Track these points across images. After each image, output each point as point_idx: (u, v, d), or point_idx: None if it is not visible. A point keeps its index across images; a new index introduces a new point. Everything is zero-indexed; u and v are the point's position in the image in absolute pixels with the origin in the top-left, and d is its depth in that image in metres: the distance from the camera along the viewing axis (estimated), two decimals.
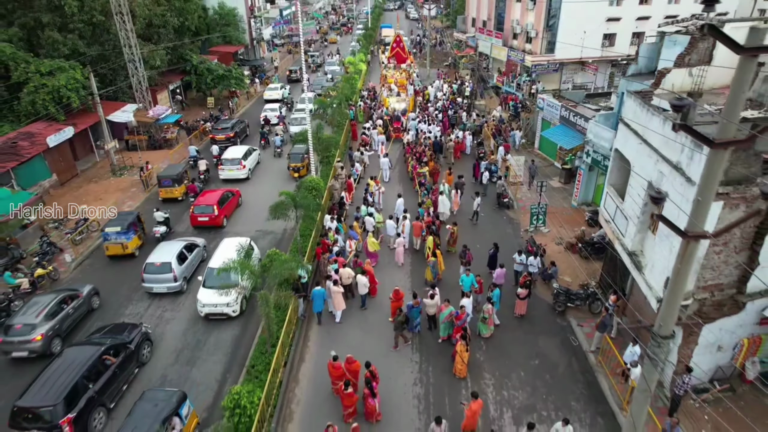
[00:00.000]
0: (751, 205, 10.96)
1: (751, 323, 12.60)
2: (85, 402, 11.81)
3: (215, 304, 15.74)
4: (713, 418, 12.36)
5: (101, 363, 12.63)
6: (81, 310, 16.22)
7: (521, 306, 16.04)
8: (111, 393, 12.77)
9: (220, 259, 15.67)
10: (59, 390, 11.47)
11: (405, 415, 12.79)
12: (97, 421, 12.12)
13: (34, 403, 11.26)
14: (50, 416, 11.13)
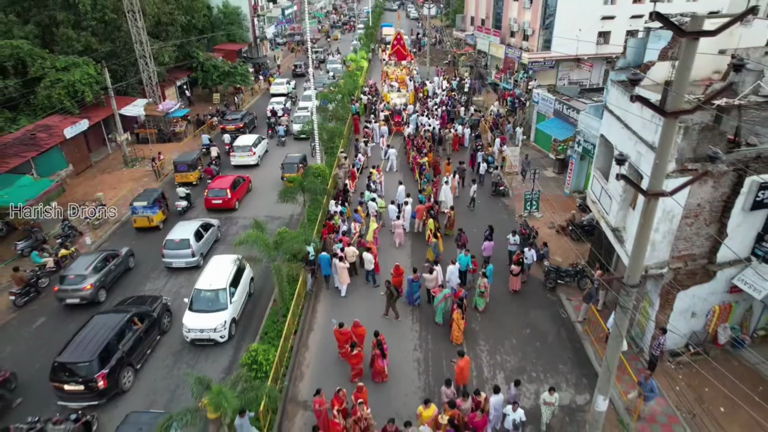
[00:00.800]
0: (719, 180, 12.18)
1: (721, 291, 13.77)
2: (116, 360, 13.09)
3: (201, 329, 14.67)
4: (687, 378, 13.55)
5: (128, 327, 13.98)
6: (120, 268, 18.48)
7: (515, 282, 17.22)
8: (137, 355, 14.08)
9: (209, 280, 15.51)
10: (94, 348, 12.77)
11: (406, 375, 13.98)
12: (126, 379, 13.45)
13: (72, 359, 12.59)
14: (86, 371, 12.45)
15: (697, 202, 12.46)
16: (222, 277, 15.65)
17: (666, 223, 12.60)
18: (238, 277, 16.19)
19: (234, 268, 16.02)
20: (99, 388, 12.50)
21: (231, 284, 15.64)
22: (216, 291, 15.34)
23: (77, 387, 12.41)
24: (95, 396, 12.63)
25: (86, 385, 12.41)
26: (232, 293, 15.49)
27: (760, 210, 12.60)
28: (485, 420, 11.51)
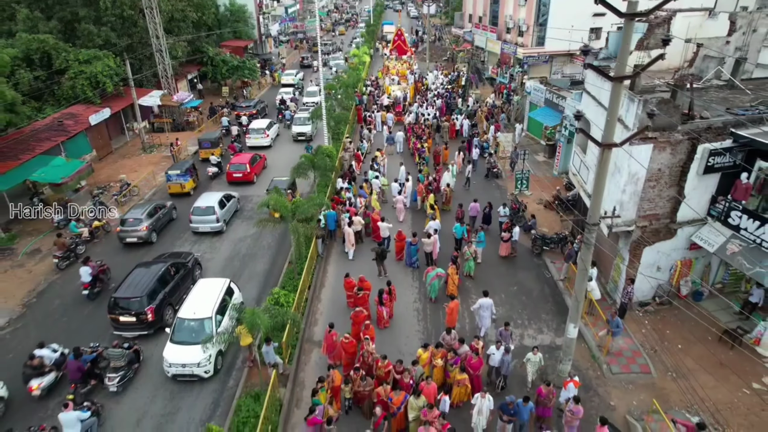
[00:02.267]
0: (675, 147, 14.17)
1: (682, 248, 15.77)
2: (160, 299, 15.36)
3: (183, 363, 13.25)
4: (652, 323, 15.55)
5: (168, 274, 16.19)
6: (167, 217, 21.98)
7: (504, 248, 19.20)
8: (175, 298, 16.25)
9: (193, 307, 14.20)
10: (143, 288, 15.07)
11: (407, 322, 15.99)
12: (168, 315, 15.67)
13: (127, 295, 14.83)
14: (138, 305, 14.72)
15: (658, 167, 14.45)
16: (208, 304, 14.22)
17: (632, 186, 14.63)
18: (226, 303, 14.78)
19: (222, 293, 14.76)
20: (148, 320, 14.83)
21: (218, 311, 14.17)
22: (201, 320, 13.83)
23: (130, 318, 14.74)
24: (144, 327, 14.90)
25: (138, 317, 14.74)
26: (219, 322, 13.96)
27: (711, 174, 14.59)
28: (480, 362, 13.34)
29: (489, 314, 14.70)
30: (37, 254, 20.33)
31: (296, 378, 13.81)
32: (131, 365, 13.60)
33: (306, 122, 32.00)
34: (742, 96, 16.52)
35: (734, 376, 13.39)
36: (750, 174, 14.43)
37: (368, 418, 12.41)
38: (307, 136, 31.81)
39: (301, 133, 32.08)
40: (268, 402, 11.78)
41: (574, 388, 11.94)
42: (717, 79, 18.19)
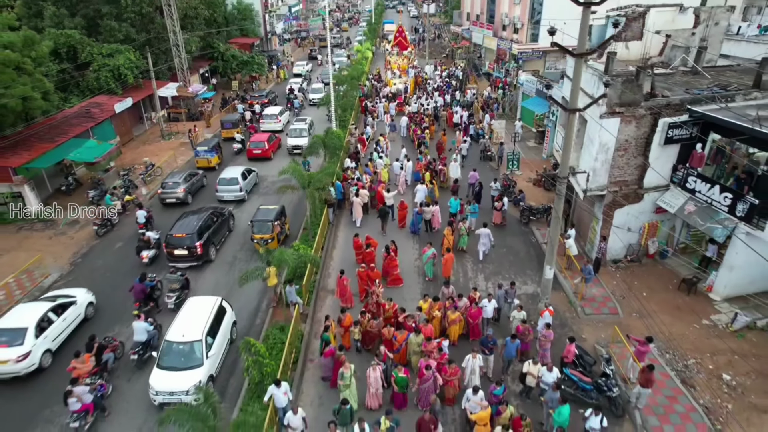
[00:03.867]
0: (640, 120, 16.47)
1: (649, 211, 18.07)
2: (206, 238, 18.65)
3: (171, 391, 12.39)
4: (623, 276, 17.84)
5: (211, 219, 19.60)
6: (199, 183, 25.41)
7: (497, 216, 21.49)
8: (216, 239, 19.81)
9: (182, 329, 13.43)
10: (193, 227, 18.43)
11: (410, 277, 18.27)
12: (212, 252, 19.25)
13: (181, 232, 18.24)
14: (190, 241, 18.07)
15: (626, 138, 16.75)
16: (198, 325, 13.48)
17: (603, 154, 16.93)
18: (217, 324, 14.14)
19: (213, 312, 14.15)
20: (197, 253, 18.20)
21: (209, 333, 13.52)
22: (190, 343, 13.09)
23: (183, 252, 18.09)
24: (194, 259, 18.25)
25: (189, 251, 18.06)
26: (209, 345, 13.36)
27: (672, 145, 16.88)
28: (479, 311, 15.42)
29: (488, 240, 18.35)
30: (76, 224, 22.63)
31: (314, 316, 16.13)
32: (183, 290, 16.34)
33: (302, 134, 29.98)
34: (702, 80, 18.81)
35: (688, 316, 15.74)
36: (704, 145, 16.73)
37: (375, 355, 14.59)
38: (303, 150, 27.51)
39: (296, 146, 29.39)
40: (292, 332, 14.05)
41: (549, 316, 14.24)
42: (683, 65, 20.50)
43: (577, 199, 20.06)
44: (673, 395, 12.92)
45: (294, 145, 29.47)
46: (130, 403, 13.19)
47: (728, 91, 16.86)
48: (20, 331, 13.67)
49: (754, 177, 15.42)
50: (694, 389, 13.17)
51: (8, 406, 13.22)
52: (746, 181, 15.56)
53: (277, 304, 16.13)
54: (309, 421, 11.85)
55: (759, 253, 12.80)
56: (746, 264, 15.48)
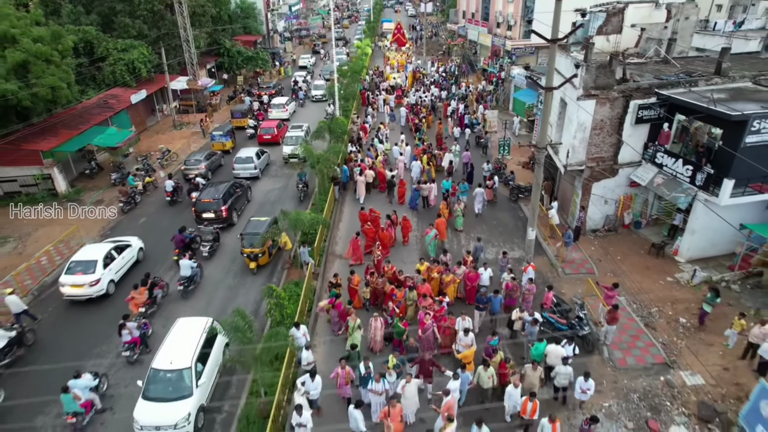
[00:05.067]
0: (613, 102, 18.51)
1: (624, 185, 20.11)
2: (229, 204, 21.16)
3: (157, 425, 11.56)
4: (600, 244, 19.89)
5: (233, 188, 22.27)
6: (218, 161, 28.25)
7: (488, 194, 23.50)
8: (238, 206, 22.47)
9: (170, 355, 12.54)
10: (218, 194, 21.09)
11: (410, 245, 20.31)
12: (234, 216, 21.84)
13: (208, 197, 20.93)
14: (217, 205, 20.71)
15: (601, 118, 18.80)
16: (187, 351, 12.58)
17: (581, 133, 18.98)
18: (208, 347, 13.29)
19: (204, 335, 13.19)
20: (223, 216, 20.79)
21: (199, 359, 12.64)
22: (179, 371, 12.24)
23: (210, 215, 20.78)
24: (220, 221, 20.80)
25: (215, 214, 20.69)
26: (199, 373, 12.48)
27: (642, 125, 18.94)
28: (477, 275, 17.29)
29: (482, 199, 21.70)
30: (101, 203, 24.56)
31: (324, 275, 18.15)
32: (215, 241, 19.10)
33: (298, 141, 27.36)
34: (672, 68, 20.88)
35: (655, 275, 17.80)
36: (671, 124, 18.79)
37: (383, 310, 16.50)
38: (300, 158, 25.85)
39: (293, 155, 27.12)
40: (306, 286, 16.07)
41: (532, 271, 16.27)
42: (656, 56, 22.58)
43: (560, 176, 22.12)
44: (636, 335, 14.99)
45: (290, 154, 27.48)
46: None
47: (692, 77, 18.94)
48: (92, 262, 16.80)
49: (712, 151, 17.46)
50: (655, 330, 15.24)
51: (83, 322, 16.36)
52: (704, 154, 17.60)
53: (290, 265, 18.13)
54: (322, 357, 13.84)
55: (717, 213, 14.87)
56: (706, 228, 17.56)
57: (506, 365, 13.09)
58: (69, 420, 11.61)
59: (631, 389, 13.46)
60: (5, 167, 24.43)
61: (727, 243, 17.90)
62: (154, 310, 16.21)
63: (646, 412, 12.86)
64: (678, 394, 13.25)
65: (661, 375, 13.79)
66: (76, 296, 16.71)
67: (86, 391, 11.87)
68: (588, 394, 12.21)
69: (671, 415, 12.74)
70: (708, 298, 14.92)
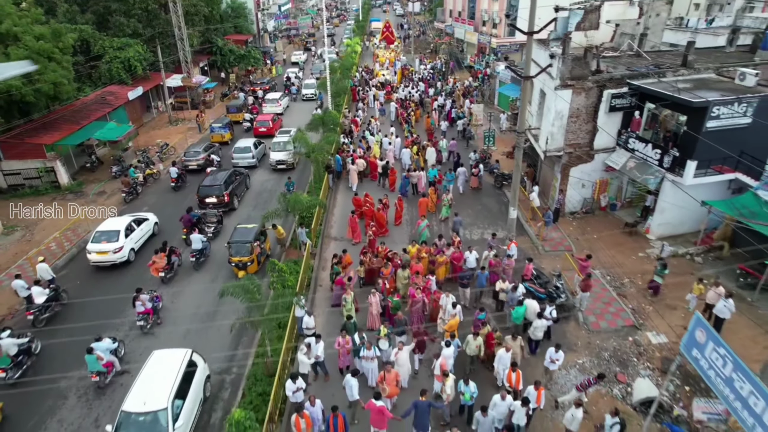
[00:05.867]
0: (588, 92, 19.94)
1: (600, 170, 21.56)
2: (230, 190, 22.65)
3: None
4: (579, 225, 21.32)
5: (233, 176, 23.74)
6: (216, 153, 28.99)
7: (474, 181, 24.88)
8: (238, 192, 23.88)
9: (143, 394, 11.27)
10: (220, 181, 22.61)
11: (400, 228, 21.59)
12: (235, 201, 23.29)
13: (210, 184, 22.43)
14: (218, 191, 22.17)
15: (577, 107, 20.21)
16: (164, 389, 11.36)
17: (559, 121, 20.38)
18: (186, 384, 11.92)
19: (182, 370, 11.91)
20: (225, 201, 22.23)
21: (177, 395, 11.47)
22: (153, 413, 11.00)
23: (213, 200, 22.16)
24: (222, 206, 22.12)
25: (218, 198, 22.09)
26: (177, 412, 11.25)
27: (616, 113, 20.39)
28: (461, 255, 18.57)
29: (464, 179, 23.89)
30: (103, 194, 25.57)
31: (321, 255, 19.39)
32: (219, 223, 20.43)
33: (286, 147, 27.08)
34: (643, 61, 22.39)
35: (628, 251, 19.25)
36: (642, 112, 20.26)
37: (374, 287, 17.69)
38: (287, 165, 27.07)
39: (280, 161, 27.11)
40: (304, 264, 17.26)
41: (514, 248, 17.62)
42: (629, 49, 24.09)
43: (541, 162, 23.55)
44: (608, 302, 16.43)
45: (278, 160, 27.12)
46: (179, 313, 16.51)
47: (661, 69, 20.44)
48: (115, 232, 18.85)
49: (678, 136, 18.94)
50: (626, 298, 16.68)
51: (108, 286, 17.97)
52: (671, 139, 19.09)
53: (287, 246, 19.34)
54: (319, 328, 15.03)
55: (683, 189, 16.31)
56: (674, 207, 19.03)
57: (493, 336, 14.36)
58: (93, 378, 12.75)
59: (603, 348, 14.86)
60: (10, 161, 25.29)
61: (694, 222, 19.39)
62: (171, 276, 18.07)
63: (615, 367, 14.27)
64: (644, 351, 14.67)
65: (630, 336, 15.22)
66: (102, 262, 18.68)
67: (107, 353, 12.98)
68: (556, 364, 13.20)
69: (637, 369, 14.15)
70: (657, 271, 16.44)
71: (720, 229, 18.70)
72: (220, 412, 12.80)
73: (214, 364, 14.12)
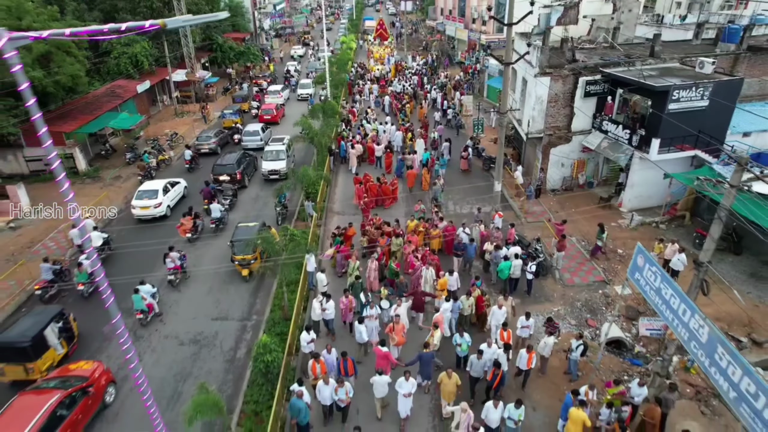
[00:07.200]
0: (565, 79, 22.11)
1: (577, 150, 23.75)
2: (242, 168, 24.96)
3: None
4: (559, 201, 23.49)
5: (243, 157, 25.95)
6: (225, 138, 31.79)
7: (464, 164, 27.02)
8: (248, 172, 26.19)
9: None
10: (233, 160, 24.98)
11: (398, 204, 23.67)
12: (246, 180, 25.65)
13: (224, 162, 24.86)
14: (231, 169, 24.44)
15: (555, 93, 22.40)
16: None
17: (539, 105, 22.56)
18: None
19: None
20: (237, 179, 24.51)
21: None
22: None
23: (226, 177, 24.36)
24: (234, 183, 24.31)
25: (231, 176, 24.25)
26: None
27: (590, 98, 22.58)
28: (454, 228, 20.60)
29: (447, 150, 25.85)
30: (119, 179, 27.44)
31: (326, 225, 21.48)
32: (234, 197, 22.73)
33: (280, 156, 26.09)
34: (616, 52, 24.61)
35: (602, 221, 21.34)
36: (614, 97, 22.46)
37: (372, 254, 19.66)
38: (281, 175, 25.35)
39: (273, 170, 25.79)
40: (312, 233, 19.28)
41: (499, 219, 19.74)
42: (604, 42, 26.33)
43: (524, 145, 25.72)
44: (582, 262, 18.62)
45: (270, 170, 25.83)
46: (202, 272, 18.56)
47: (630, 59, 22.67)
48: (155, 191, 22.49)
49: (645, 118, 21.15)
50: (598, 259, 18.86)
51: (149, 236, 20.56)
52: (639, 120, 21.30)
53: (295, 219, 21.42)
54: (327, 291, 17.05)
55: (651, 161, 18.49)
56: (642, 182, 21.28)
57: (483, 298, 16.32)
58: (138, 316, 14.79)
59: (576, 299, 17.04)
60: (32, 147, 27.10)
61: (660, 196, 21.60)
62: (196, 237, 20.60)
63: (586, 314, 16.45)
64: (612, 301, 16.85)
65: (600, 289, 17.41)
66: (144, 216, 22.12)
67: (149, 295, 15.00)
68: (527, 332, 14.52)
69: (605, 315, 16.32)
70: (597, 234, 18.60)
71: (682, 201, 20.94)
72: (244, 349, 14.84)
73: (235, 313, 16.16)
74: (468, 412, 11.17)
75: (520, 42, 23.89)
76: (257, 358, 12.02)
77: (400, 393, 11.97)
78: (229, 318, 16.25)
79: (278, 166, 25.82)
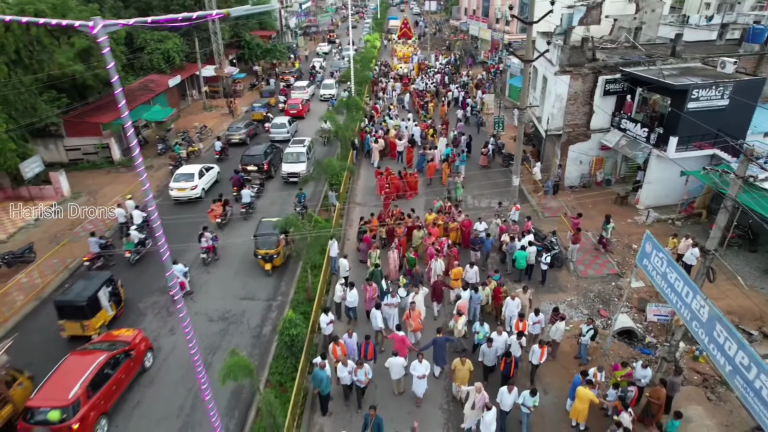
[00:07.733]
0: (584, 77, 22.52)
1: (596, 148, 24.10)
2: (269, 159, 26.27)
3: None
4: (577, 197, 23.88)
5: (270, 148, 27.33)
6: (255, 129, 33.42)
7: (483, 160, 27.57)
8: (275, 162, 27.12)
9: None
10: (261, 153, 26.26)
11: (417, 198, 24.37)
12: (273, 170, 26.66)
13: (254, 153, 26.24)
14: (259, 160, 25.81)
15: (575, 91, 22.81)
16: None
17: (558, 103, 23.00)
18: None
19: None
20: (264, 169, 25.76)
21: None
22: None
23: (254, 168, 25.70)
24: (261, 173, 25.61)
25: (258, 167, 25.48)
26: None
27: (610, 96, 22.93)
28: (470, 222, 21.25)
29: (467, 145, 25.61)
30: (151, 168, 28.72)
31: (348, 215, 22.31)
32: (262, 186, 23.74)
33: (300, 158, 25.65)
34: (637, 52, 24.87)
35: (618, 217, 21.70)
36: (633, 96, 22.77)
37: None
38: (301, 178, 24.05)
39: (292, 173, 25.26)
40: (335, 220, 20.14)
41: (516, 212, 20.30)
42: (626, 41, 26.58)
43: (544, 142, 26.16)
44: (596, 256, 19.06)
45: (290, 173, 25.35)
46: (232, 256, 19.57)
47: (651, 58, 22.95)
48: (191, 174, 24.38)
49: (664, 117, 21.43)
50: (613, 253, 19.28)
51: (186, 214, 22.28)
52: (658, 119, 21.59)
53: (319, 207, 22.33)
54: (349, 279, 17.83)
55: (669, 158, 18.83)
56: (660, 180, 21.56)
57: (500, 289, 16.87)
58: (170, 294, 15.81)
59: (589, 290, 17.52)
60: (71, 137, 28.61)
61: (677, 194, 21.83)
62: (226, 223, 21.72)
63: (598, 304, 16.92)
64: (624, 293, 17.26)
65: (613, 281, 17.85)
66: (181, 197, 23.89)
67: (181, 274, 16.05)
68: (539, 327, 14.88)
69: (617, 306, 16.75)
70: (603, 225, 18.99)
71: (699, 199, 21.17)
72: (270, 327, 15.76)
73: (262, 294, 17.11)
74: (483, 392, 11.74)
75: (542, 41, 24.38)
76: (283, 332, 12.87)
77: (415, 375, 12.70)
78: (255, 298, 17.21)
79: (298, 168, 25.32)
